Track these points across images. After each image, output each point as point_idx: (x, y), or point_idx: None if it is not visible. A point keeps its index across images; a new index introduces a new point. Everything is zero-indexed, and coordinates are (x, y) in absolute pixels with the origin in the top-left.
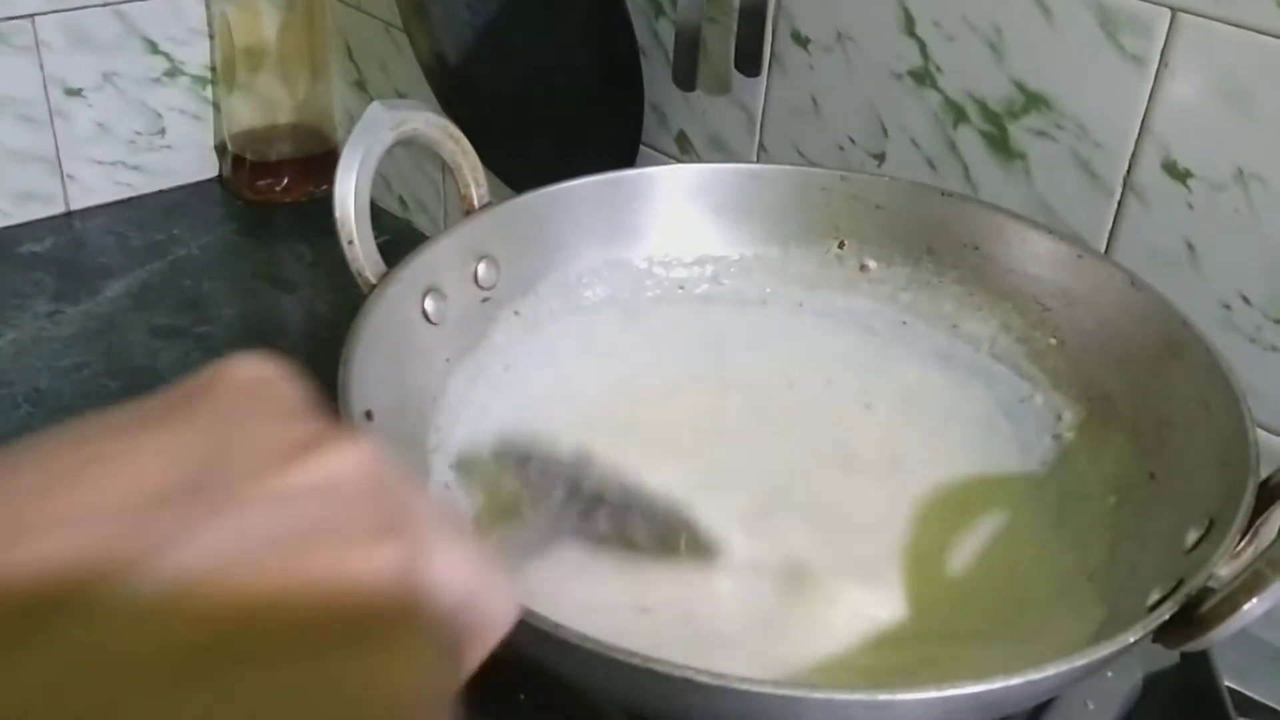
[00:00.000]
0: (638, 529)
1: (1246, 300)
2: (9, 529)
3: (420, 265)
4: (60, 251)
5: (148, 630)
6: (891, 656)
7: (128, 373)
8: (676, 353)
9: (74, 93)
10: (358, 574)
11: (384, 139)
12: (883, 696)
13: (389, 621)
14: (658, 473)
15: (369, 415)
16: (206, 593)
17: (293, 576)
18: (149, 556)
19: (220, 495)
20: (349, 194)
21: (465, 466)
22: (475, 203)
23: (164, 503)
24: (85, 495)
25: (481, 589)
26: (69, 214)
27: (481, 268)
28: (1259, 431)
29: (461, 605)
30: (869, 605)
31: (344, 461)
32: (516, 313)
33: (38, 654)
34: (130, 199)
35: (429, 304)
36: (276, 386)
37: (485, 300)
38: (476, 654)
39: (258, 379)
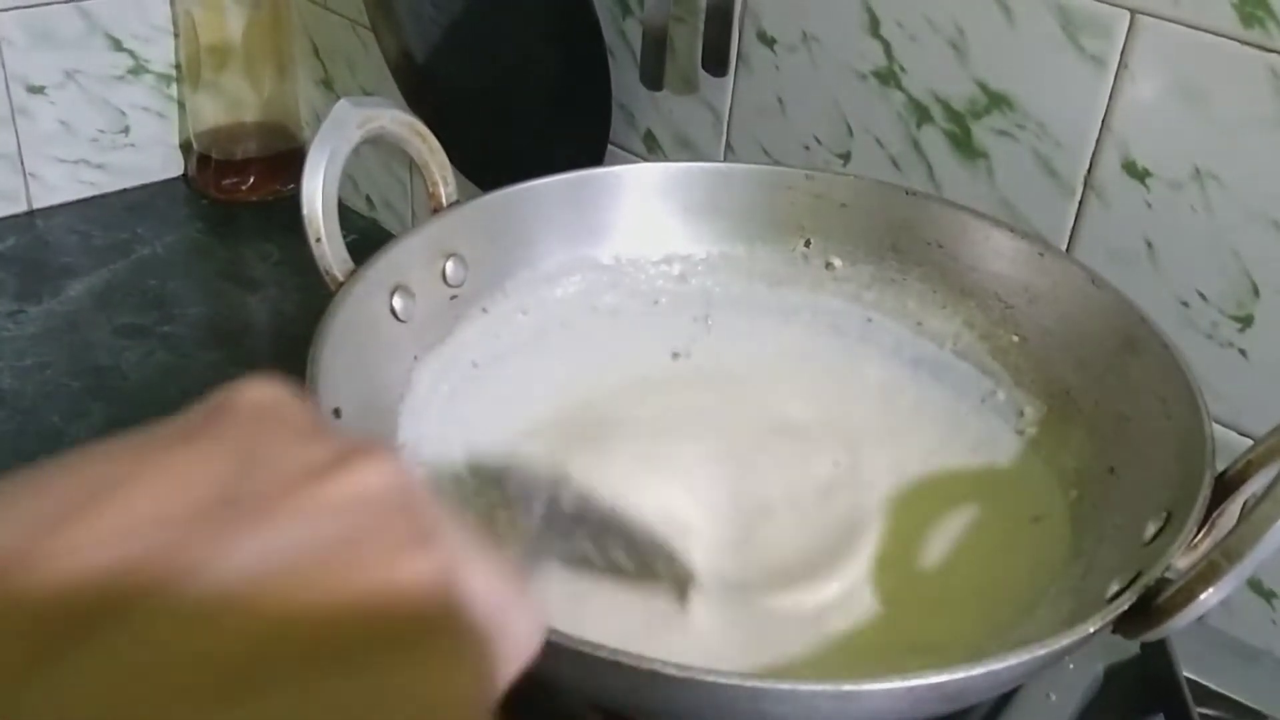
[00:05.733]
0: (619, 551)
1: (1203, 297)
2: (46, 546)
3: (388, 263)
4: (22, 251)
5: (189, 644)
6: (860, 654)
7: (91, 372)
8: (643, 350)
9: (36, 90)
10: (396, 582)
11: (351, 137)
12: (847, 687)
13: (429, 629)
14: (622, 470)
15: (337, 413)
16: (246, 605)
17: (331, 587)
18: (189, 570)
19: (255, 509)
20: (316, 192)
21: (438, 480)
22: (443, 201)
23: (199, 518)
24: (120, 513)
25: (509, 604)
26: (31, 213)
27: (449, 265)
28: (1215, 426)
29: (492, 619)
30: (838, 605)
31: (374, 476)
32: (484, 310)
33: (79, 669)
34: (93, 198)
35: (397, 302)
36: (291, 406)
37: (453, 298)
38: (507, 670)
39: (272, 399)
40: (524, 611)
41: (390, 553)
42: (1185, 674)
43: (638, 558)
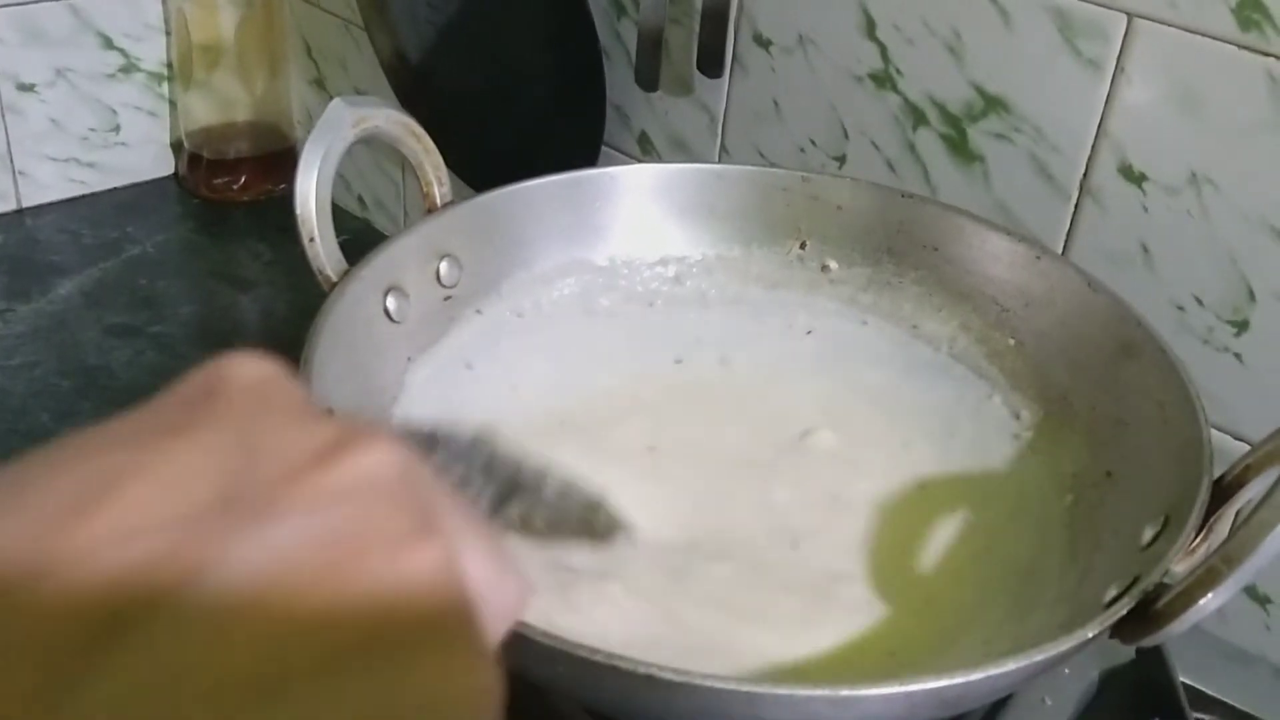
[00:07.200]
0: (545, 513)
1: (1200, 302)
2: (51, 556)
3: (382, 263)
4: (11, 249)
5: (201, 654)
6: (856, 658)
7: (80, 372)
8: (637, 353)
9: (26, 88)
10: (402, 576)
11: (346, 136)
12: (845, 692)
13: (435, 622)
14: (614, 474)
15: (329, 413)
16: (256, 608)
17: (339, 583)
18: (196, 573)
19: (258, 503)
20: (310, 191)
21: None
22: (437, 201)
23: (203, 515)
24: (124, 513)
25: (501, 582)
26: (20, 211)
27: (444, 266)
28: (1212, 431)
29: (487, 600)
30: (832, 609)
31: (373, 460)
32: (479, 311)
33: (99, 682)
34: (83, 196)
35: (390, 302)
36: (284, 386)
37: (447, 299)
38: (493, 644)
39: (264, 378)
40: (512, 587)
41: (394, 544)
42: (1181, 679)
43: (571, 516)
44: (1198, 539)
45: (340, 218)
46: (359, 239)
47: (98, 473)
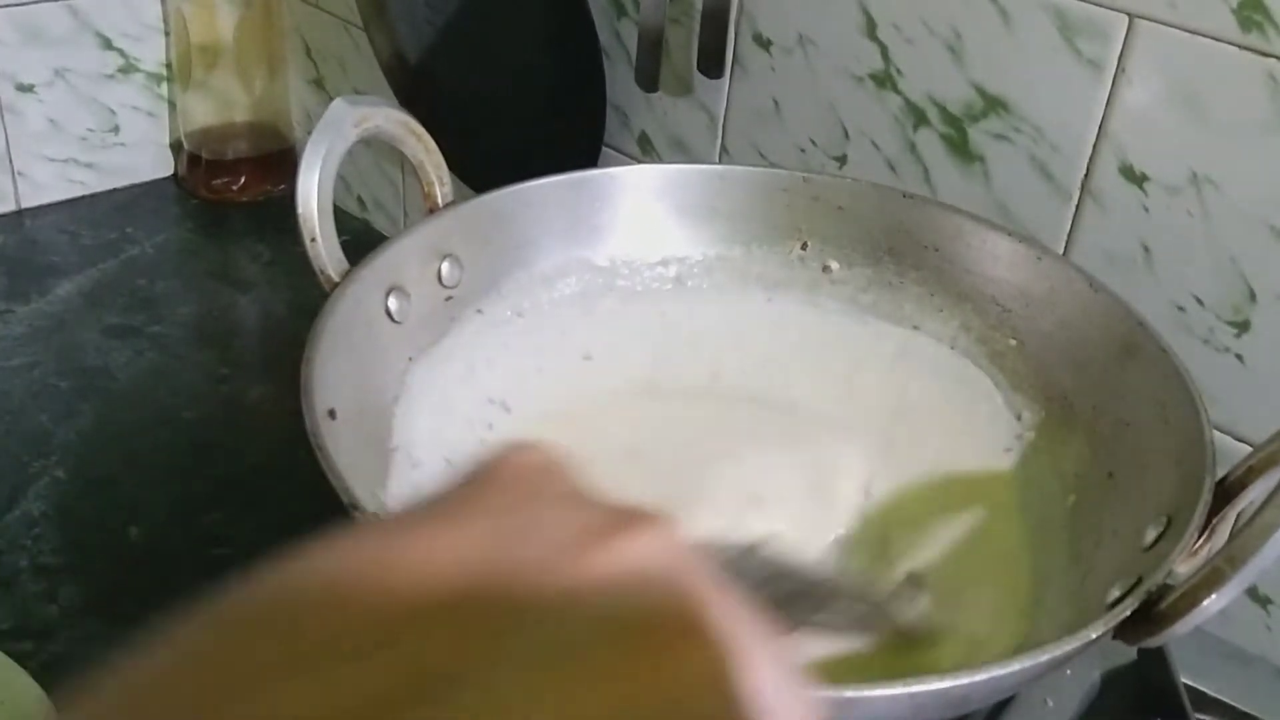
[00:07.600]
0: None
1: (1200, 302)
2: (333, 642)
3: (383, 263)
4: (10, 250)
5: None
6: (858, 659)
7: (79, 373)
8: (639, 354)
9: (25, 89)
10: (676, 682)
11: (347, 135)
12: (849, 693)
13: None
14: (618, 476)
15: (332, 414)
16: (537, 703)
17: (614, 678)
18: (471, 670)
19: (525, 593)
20: (312, 191)
21: None
22: (438, 201)
23: (470, 606)
24: (391, 603)
25: (786, 691)
26: (19, 212)
27: (445, 266)
28: (1213, 431)
29: (768, 711)
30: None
31: (643, 547)
32: (480, 311)
33: None
34: (82, 197)
35: (392, 302)
36: (556, 473)
37: (448, 299)
38: None
39: (537, 466)
40: (800, 699)
41: (667, 643)
42: (1183, 680)
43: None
44: (1200, 540)
45: (340, 218)
46: (358, 240)
47: (374, 561)
